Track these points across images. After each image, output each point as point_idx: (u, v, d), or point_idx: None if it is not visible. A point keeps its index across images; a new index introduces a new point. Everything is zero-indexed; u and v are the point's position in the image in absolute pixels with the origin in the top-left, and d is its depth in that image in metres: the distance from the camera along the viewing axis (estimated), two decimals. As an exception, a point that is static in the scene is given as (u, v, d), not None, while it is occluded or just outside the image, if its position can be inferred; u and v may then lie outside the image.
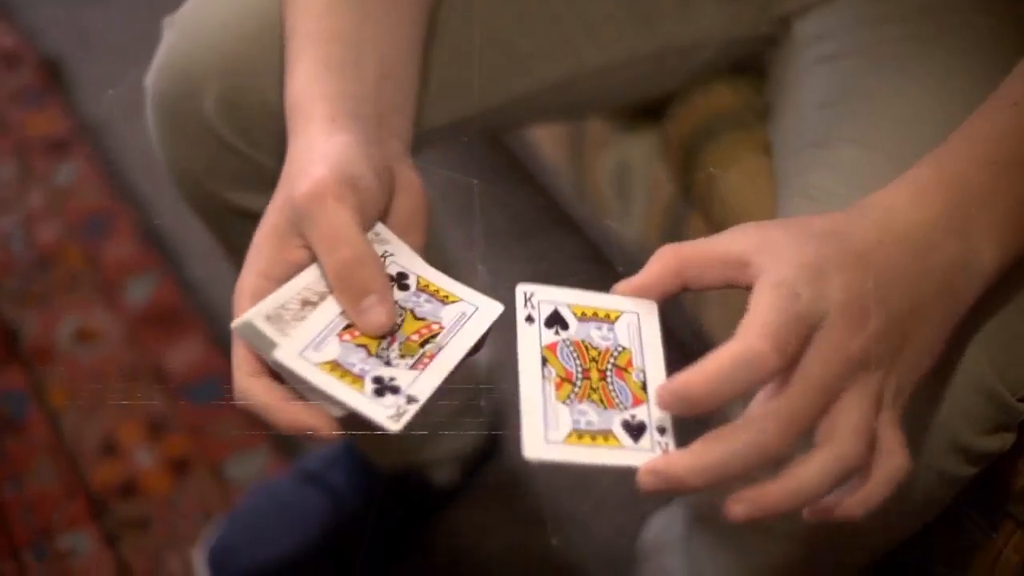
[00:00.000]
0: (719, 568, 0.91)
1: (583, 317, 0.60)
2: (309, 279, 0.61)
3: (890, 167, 0.62)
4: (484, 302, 0.64)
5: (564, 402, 0.57)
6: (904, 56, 0.80)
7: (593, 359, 0.59)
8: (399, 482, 1.20)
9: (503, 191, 1.58)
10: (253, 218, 0.86)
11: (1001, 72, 0.64)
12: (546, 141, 1.28)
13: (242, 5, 0.81)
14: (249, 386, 0.59)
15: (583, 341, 0.59)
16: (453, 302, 0.63)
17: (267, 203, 0.86)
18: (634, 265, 0.60)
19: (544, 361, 0.58)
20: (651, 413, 0.57)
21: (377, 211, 0.63)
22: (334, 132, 0.63)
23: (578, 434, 0.56)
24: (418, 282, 0.63)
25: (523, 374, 0.57)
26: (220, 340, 1.44)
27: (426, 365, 0.59)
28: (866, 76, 0.81)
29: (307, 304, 0.60)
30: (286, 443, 1.33)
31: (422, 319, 0.62)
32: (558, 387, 0.57)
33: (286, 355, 0.58)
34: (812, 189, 0.76)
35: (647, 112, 1.07)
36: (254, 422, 0.60)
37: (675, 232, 1.04)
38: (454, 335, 0.61)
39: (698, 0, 0.90)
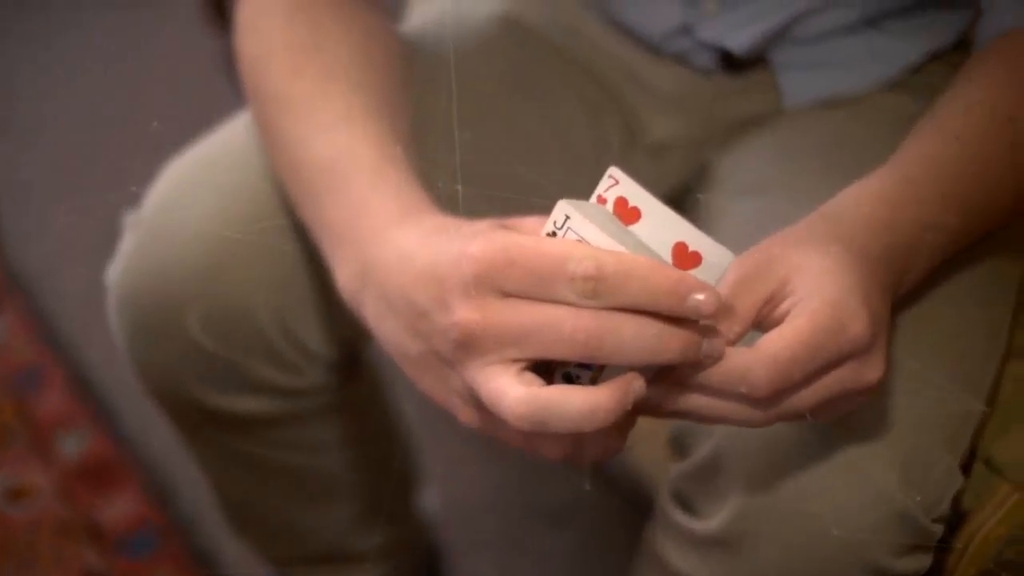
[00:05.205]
0: None
1: None
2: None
3: None
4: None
5: None
6: (821, 188, 0.82)
7: None
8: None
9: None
10: (226, 418, 0.87)
11: None
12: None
13: (213, 205, 0.81)
14: (618, 254, 0.53)
15: None
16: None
17: (248, 402, 0.86)
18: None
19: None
20: None
21: None
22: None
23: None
24: None
25: None
26: (154, 491, 1.43)
27: None
28: (785, 207, 0.83)
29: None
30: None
31: None
32: None
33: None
34: None
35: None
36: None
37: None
38: None
39: (633, 154, 0.93)
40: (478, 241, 0.55)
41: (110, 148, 1.85)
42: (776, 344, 0.56)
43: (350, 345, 0.89)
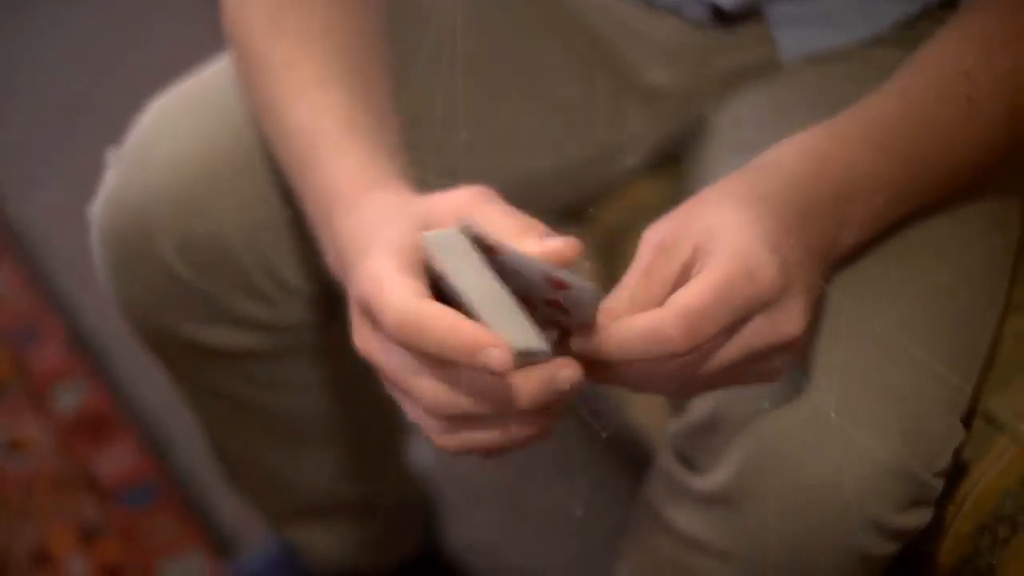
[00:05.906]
0: None
1: None
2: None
3: None
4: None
5: None
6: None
7: None
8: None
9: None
10: (207, 351, 0.88)
11: None
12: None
13: (192, 139, 0.82)
14: (419, 306, 0.55)
15: None
16: None
17: (228, 335, 0.87)
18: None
19: None
20: None
21: None
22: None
23: None
24: None
25: None
26: (150, 444, 1.44)
27: None
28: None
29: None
30: (222, 547, 1.32)
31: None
32: None
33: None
34: None
35: (568, 214, 1.08)
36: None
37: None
38: None
39: (626, 104, 0.92)
40: (363, 259, 0.60)
41: (107, 105, 1.84)
42: (685, 297, 0.57)
43: (328, 280, 0.89)
